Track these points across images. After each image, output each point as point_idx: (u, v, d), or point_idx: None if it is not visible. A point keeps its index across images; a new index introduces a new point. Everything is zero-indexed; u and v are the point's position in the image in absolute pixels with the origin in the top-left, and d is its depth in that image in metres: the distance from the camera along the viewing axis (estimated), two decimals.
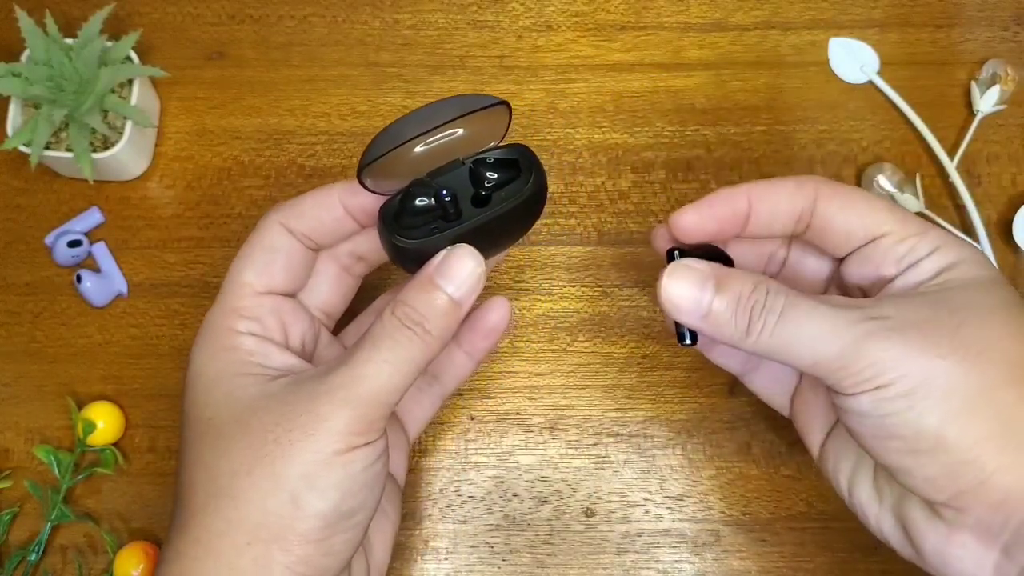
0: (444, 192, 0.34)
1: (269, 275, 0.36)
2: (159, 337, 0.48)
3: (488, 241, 0.35)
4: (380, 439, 0.33)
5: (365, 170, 0.33)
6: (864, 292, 0.36)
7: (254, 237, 0.37)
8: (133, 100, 0.47)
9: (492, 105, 0.35)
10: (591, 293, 0.49)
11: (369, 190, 0.34)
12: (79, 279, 0.47)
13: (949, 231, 0.49)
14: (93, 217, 0.49)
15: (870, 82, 0.52)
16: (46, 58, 0.46)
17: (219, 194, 0.50)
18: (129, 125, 0.47)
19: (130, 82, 0.48)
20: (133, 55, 0.48)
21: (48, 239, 0.49)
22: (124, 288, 0.48)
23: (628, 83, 0.52)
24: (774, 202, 0.35)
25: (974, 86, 0.51)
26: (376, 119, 0.51)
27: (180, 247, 0.49)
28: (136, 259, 0.49)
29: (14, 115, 0.47)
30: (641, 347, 0.48)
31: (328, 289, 0.39)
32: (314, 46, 0.53)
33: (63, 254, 0.48)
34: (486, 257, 0.35)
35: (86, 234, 0.49)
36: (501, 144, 0.37)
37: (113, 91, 0.47)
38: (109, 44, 0.47)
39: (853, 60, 0.52)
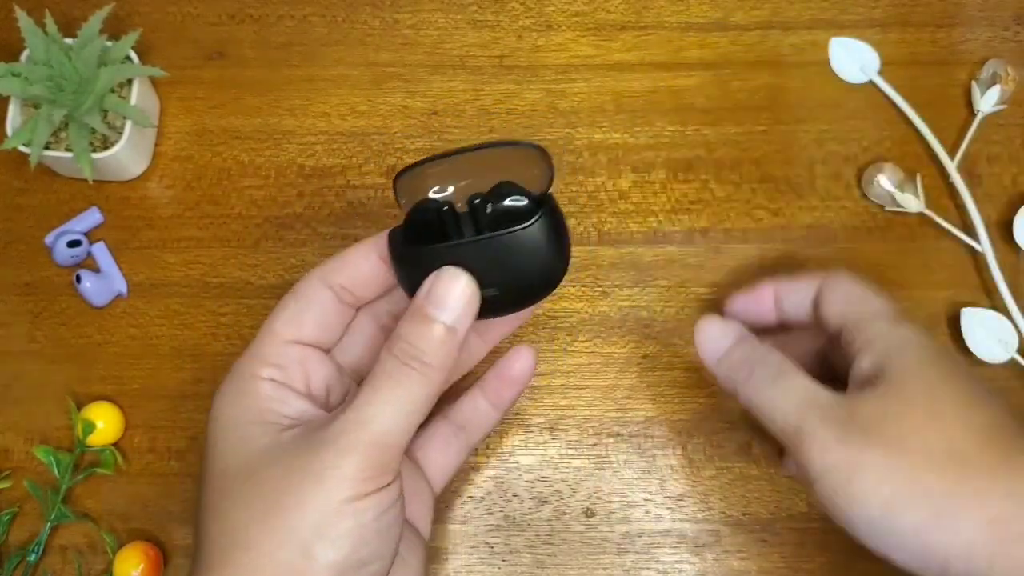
0: (445, 208, 0.34)
1: (298, 324, 0.36)
2: (159, 337, 0.48)
3: (488, 270, 0.34)
4: (393, 484, 0.33)
5: (399, 178, 0.34)
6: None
7: (292, 290, 0.37)
8: (133, 100, 0.47)
9: (518, 144, 0.35)
10: (591, 293, 0.49)
11: (400, 204, 0.35)
12: (79, 279, 0.47)
13: (954, 234, 0.49)
14: (93, 217, 0.49)
15: (870, 82, 0.52)
16: (46, 58, 0.46)
17: (219, 194, 0.50)
18: (129, 125, 0.47)
19: (130, 82, 0.48)
20: (133, 55, 0.48)
21: (48, 239, 0.49)
22: (124, 288, 0.48)
23: (628, 83, 0.52)
24: (792, 294, 0.41)
25: (975, 86, 0.51)
26: (376, 119, 0.51)
27: (180, 247, 0.49)
28: (136, 259, 0.49)
29: (14, 115, 0.47)
30: (641, 347, 0.48)
31: (363, 347, 0.39)
32: (314, 46, 0.53)
33: (63, 254, 0.48)
34: (490, 288, 0.34)
35: (86, 234, 0.49)
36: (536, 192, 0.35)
37: (113, 91, 0.47)
38: (109, 44, 0.47)
39: (853, 60, 0.52)
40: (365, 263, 0.37)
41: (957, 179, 0.49)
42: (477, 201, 0.34)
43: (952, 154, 0.50)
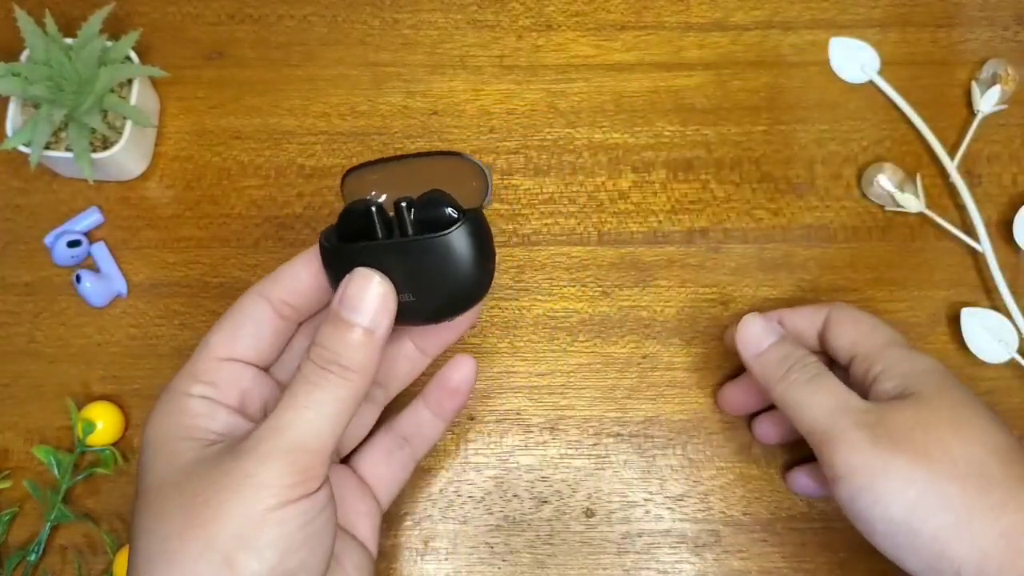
0: (373, 209, 0.34)
1: (233, 341, 0.36)
2: (158, 337, 0.48)
3: (405, 274, 0.34)
4: (319, 492, 0.32)
5: (347, 177, 0.35)
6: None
7: (231, 306, 0.36)
8: (133, 100, 0.47)
9: (462, 157, 0.36)
10: (591, 293, 0.49)
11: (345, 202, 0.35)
12: (78, 279, 0.47)
13: (954, 234, 0.49)
14: (92, 217, 0.49)
15: (870, 82, 0.52)
16: (46, 58, 0.46)
17: (219, 194, 0.50)
18: (129, 125, 0.47)
19: (130, 82, 0.48)
20: (133, 55, 0.48)
21: (47, 239, 0.49)
22: (123, 288, 0.48)
23: (628, 83, 0.52)
24: (797, 322, 0.43)
25: (975, 86, 0.51)
26: (376, 119, 0.51)
27: (179, 247, 0.49)
28: (136, 259, 0.49)
29: (14, 115, 0.47)
30: (641, 347, 0.48)
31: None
32: (314, 46, 0.52)
33: (62, 254, 0.48)
34: (405, 294, 0.34)
35: (85, 234, 0.49)
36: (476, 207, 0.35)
37: (113, 91, 0.47)
38: (109, 44, 0.47)
39: (853, 60, 0.52)
40: (305, 273, 0.36)
41: (957, 179, 0.49)
42: (403, 204, 0.34)
43: (952, 154, 0.50)
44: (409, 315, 0.34)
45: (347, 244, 0.34)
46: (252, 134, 0.51)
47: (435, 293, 0.34)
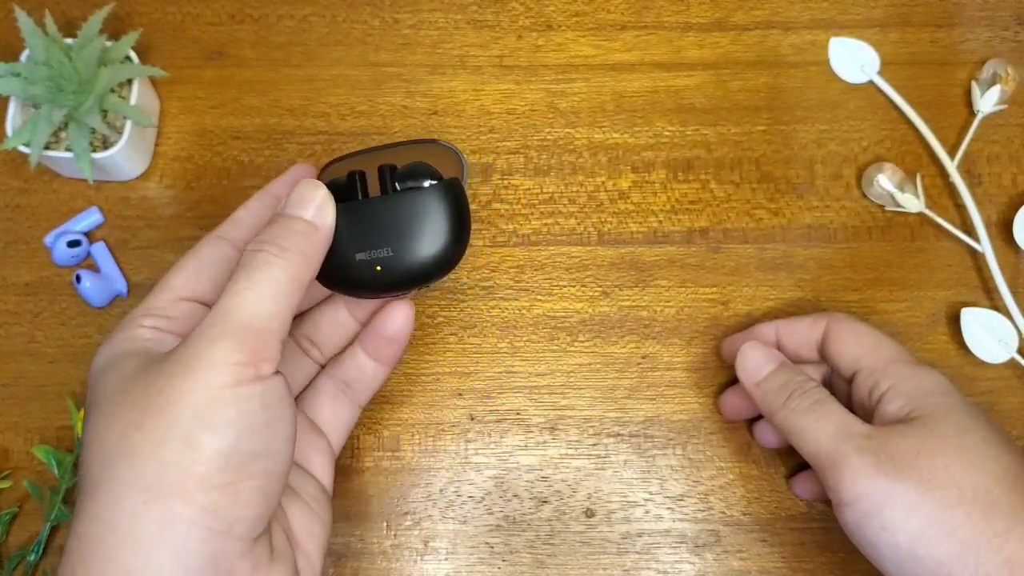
0: (354, 176, 0.36)
1: (197, 281, 0.36)
2: None
3: (384, 229, 0.36)
4: (276, 377, 0.32)
5: (327, 168, 0.38)
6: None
7: (191, 250, 0.37)
8: (133, 100, 0.47)
9: (437, 143, 0.40)
10: (591, 293, 0.49)
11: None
12: (78, 279, 0.47)
13: (954, 234, 0.49)
14: (93, 217, 0.49)
15: (870, 82, 0.52)
16: (46, 58, 0.46)
17: (219, 194, 0.50)
18: (129, 125, 0.47)
19: (130, 82, 0.48)
20: (133, 55, 0.48)
21: (47, 239, 0.49)
22: (124, 288, 0.48)
23: (628, 83, 0.52)
24: (794, 334, 0.43)
25: (975, 86, 0.51)
26: (376, 119, 0.51)
27: (180, 247, 0.49)
28: (136, 259, 0.49)
29: (14, 115, 0.47)
30: (641, 347, 0.48)
31: None
32: (314, 46, 0.53)
33: (62, 254, 0.48)
34: (383, 249, 0.36)
35: (86, 234, 0.49)
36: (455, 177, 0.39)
37: (113, 91, 0.47)
38: (109, 44, 0.47)
39: (853, 60, 0.52)
40: (265, 208, 0.37)
41: (957, 179, 0.49)
42: (386, 169, 0.37)
43: (952, 154, 0.50)
44: (386, 274, 0.36)
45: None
46: (252, 134, 0.51)
47: (411, 247, 0.36)
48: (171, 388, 0.30)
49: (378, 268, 0.36)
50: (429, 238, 0.36)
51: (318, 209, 0.34)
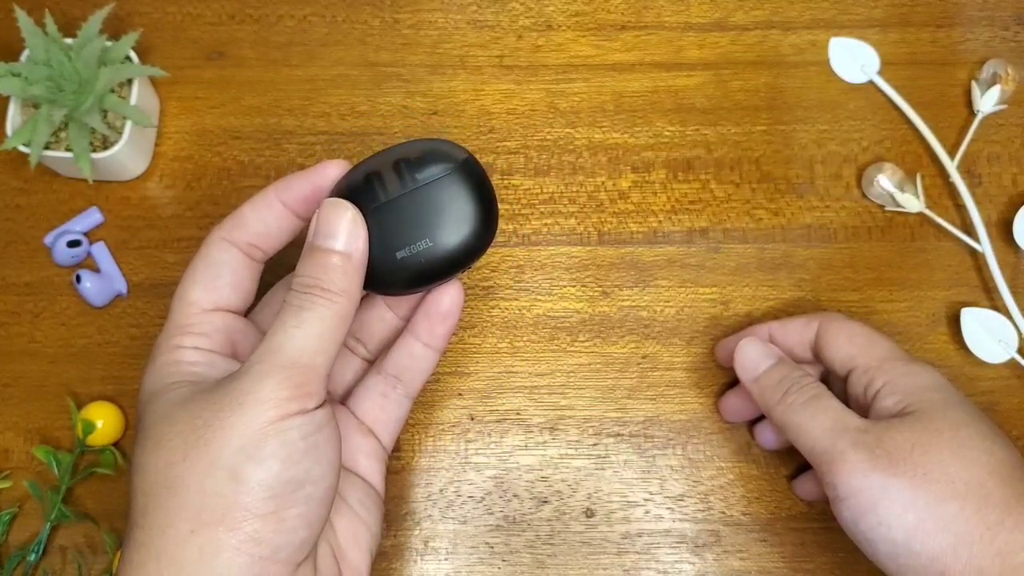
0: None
1: (216, 291, 0.36)
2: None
3: (415, 223, 0.36)
4: (319, 410, 0.33)
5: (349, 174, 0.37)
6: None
7: (199, 255, 0.37)
8: (133, 100, 0.47)
9: (440, 140, 0.39)
10: (591, 293, 0.49)
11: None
12: (78, 279, 0.47)
13: (954, 234, 0.49)
14: (93, 217, 0.49)
15: (870, 82, 0.52)
16: (46, 58, 0.46)
17: (219, 194, 0.50)
18: (129, 125, 0.47)
19: (130, 82, 0.48)
20: (133, 55, 0.48)
21: (47, 239, 0.49)
22: (124, 288, 0.48)
23: (628, 83, 0.52)
24: (787, 335, 0.44)
25: (975, 86, 0.51)
26: (376, 119, 0.51)
27: (180, 247, 0.49)
28: (136, 259, 0.49)
29: (14, 115, 0.47)
30: (641, 347, 0.48)
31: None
32: (314, 46, 0.53)
33: (62, 254, 0.48)
34: (423, 242, 0.36)
35: (86, 234, 0.49)
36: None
37: (113, 91, 0.47)
38: (109, 44, 0.47)
39: (853, 60, 0.52)
40: (270, 213, 0.37)
41: (957, 179, 0.49)
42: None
43: (952, 154, 0.50)
44: (429, 264, 0.36)
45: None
46: (252, 134, 0.51)
47: (449, 233, 0.36)
48: (219, 422, 0.31)
49: (422, 261, 0.36)
50: (463, 219, 0.36)
51: (348, 236, 0.34)
